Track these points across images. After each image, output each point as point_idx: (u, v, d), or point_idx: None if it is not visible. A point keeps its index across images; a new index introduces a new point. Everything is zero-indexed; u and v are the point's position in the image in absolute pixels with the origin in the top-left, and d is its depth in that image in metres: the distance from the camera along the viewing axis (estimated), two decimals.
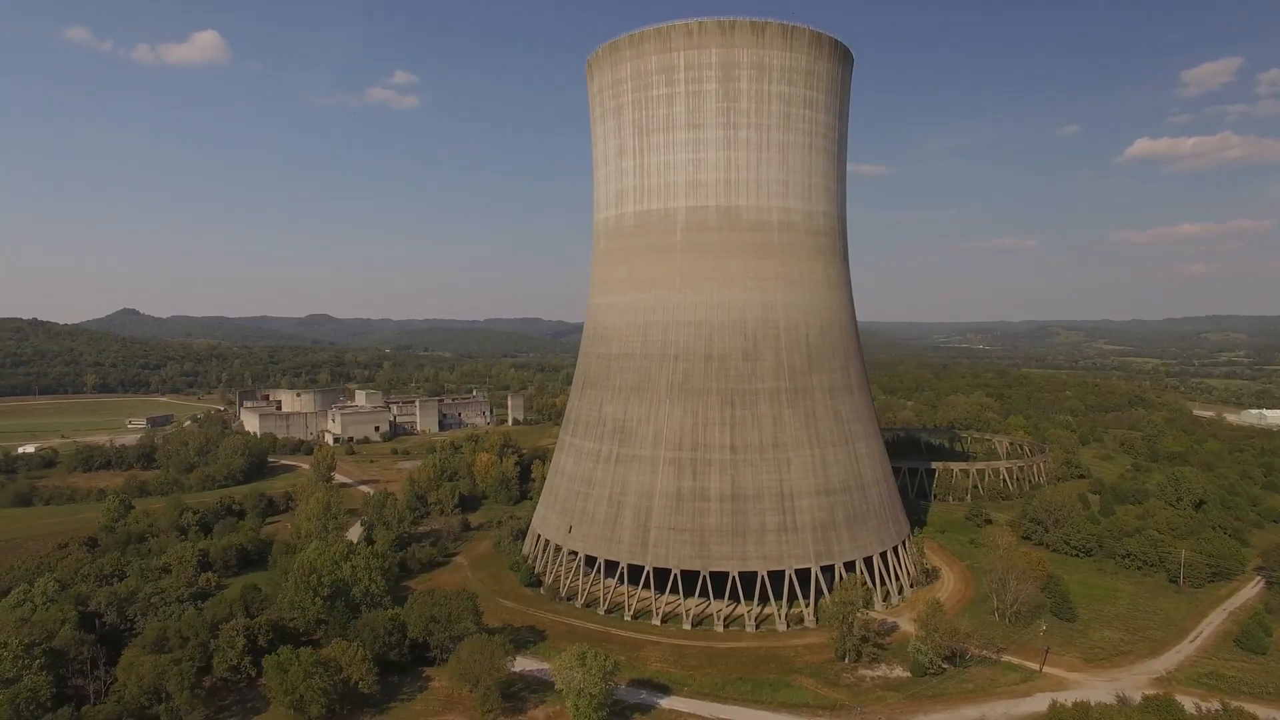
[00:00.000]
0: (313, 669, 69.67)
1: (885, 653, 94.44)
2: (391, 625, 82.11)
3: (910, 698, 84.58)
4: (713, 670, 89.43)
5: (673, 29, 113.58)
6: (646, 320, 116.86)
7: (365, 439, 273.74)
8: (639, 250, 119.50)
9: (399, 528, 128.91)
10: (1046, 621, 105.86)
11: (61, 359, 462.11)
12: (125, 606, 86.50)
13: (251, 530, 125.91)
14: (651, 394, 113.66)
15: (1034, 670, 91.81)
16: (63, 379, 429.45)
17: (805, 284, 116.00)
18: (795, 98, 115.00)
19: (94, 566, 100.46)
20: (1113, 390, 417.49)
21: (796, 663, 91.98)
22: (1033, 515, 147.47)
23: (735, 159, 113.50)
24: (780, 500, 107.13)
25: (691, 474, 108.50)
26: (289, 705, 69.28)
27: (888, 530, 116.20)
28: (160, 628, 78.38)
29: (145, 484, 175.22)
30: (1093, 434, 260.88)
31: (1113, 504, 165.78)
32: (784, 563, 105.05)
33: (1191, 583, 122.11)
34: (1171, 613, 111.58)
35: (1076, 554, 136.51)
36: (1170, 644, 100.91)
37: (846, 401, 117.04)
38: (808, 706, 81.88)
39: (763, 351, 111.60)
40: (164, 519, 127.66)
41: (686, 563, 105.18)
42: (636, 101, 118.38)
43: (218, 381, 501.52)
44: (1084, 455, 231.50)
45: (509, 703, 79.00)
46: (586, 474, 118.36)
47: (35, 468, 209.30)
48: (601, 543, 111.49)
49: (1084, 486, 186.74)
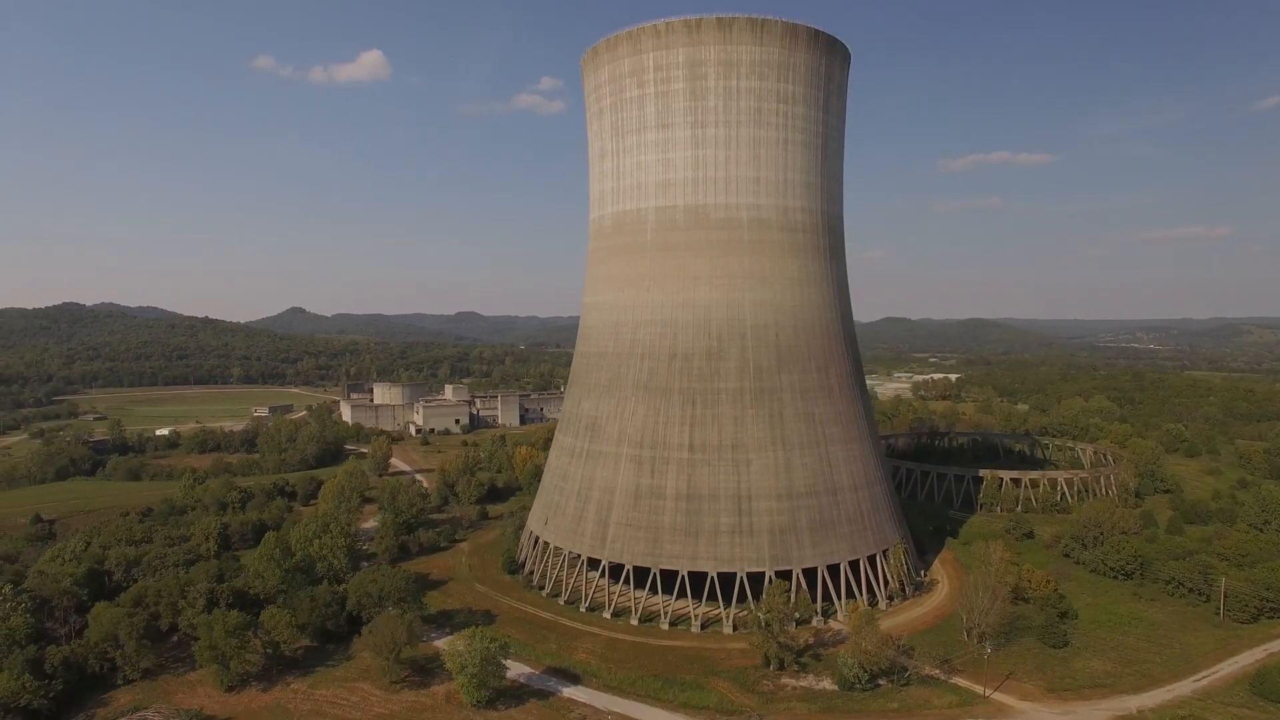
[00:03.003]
0: (234, 630, 78.47)
1: (819, 664, 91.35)
2: (331, 598, 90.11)
3: (821, 710, 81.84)
4: (634, 666, 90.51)
5: (642, 31, 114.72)
6: (619, 319, 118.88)
7: (446, 430, 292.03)
8: (616, 250, 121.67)
9: (408, 513, 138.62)
10: (1030, 646, 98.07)
11: (216, 353, 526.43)
12: (132, 567, 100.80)
13: (278, 509, 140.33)
14: (619, 392, 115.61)
15: (978, 695, 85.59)
16: (214, 371, 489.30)
17: (777, 282, 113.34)
18: (768, 92, 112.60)
19: (126, 532, 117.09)
20: (1272, 396, 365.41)
21: (722, 666, 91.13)
22: (1074, 532, 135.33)
23: (703, 157, 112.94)
24: (737, 501, 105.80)
25: (650, 471, 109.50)
26: (210, 660, 78.54)
27: (864, 538, 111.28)
28: (142, 586, 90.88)
29: (230, 465, 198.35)
30: (1208, 445, 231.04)
31: (1181, 523, 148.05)
32: (736, 565, 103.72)
33: (1236, 616, 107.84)
34: (1192, 648, 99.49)
35: (1115, 576, 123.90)
36: (1166, 680, 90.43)
37: (823, 403, 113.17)
38: (707, 709, 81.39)
39: (727, 351, 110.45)
40: (209, 495, 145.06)
41: (639, 559, 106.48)
42: (614, 104, 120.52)
43: (346, 375, 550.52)
44: (1188, 468, 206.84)
45: (419, 676, 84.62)
46: (563, 468, 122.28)
47: (161, 448, 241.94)
48: (569, 535, 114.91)
49: (1163, 503, 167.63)
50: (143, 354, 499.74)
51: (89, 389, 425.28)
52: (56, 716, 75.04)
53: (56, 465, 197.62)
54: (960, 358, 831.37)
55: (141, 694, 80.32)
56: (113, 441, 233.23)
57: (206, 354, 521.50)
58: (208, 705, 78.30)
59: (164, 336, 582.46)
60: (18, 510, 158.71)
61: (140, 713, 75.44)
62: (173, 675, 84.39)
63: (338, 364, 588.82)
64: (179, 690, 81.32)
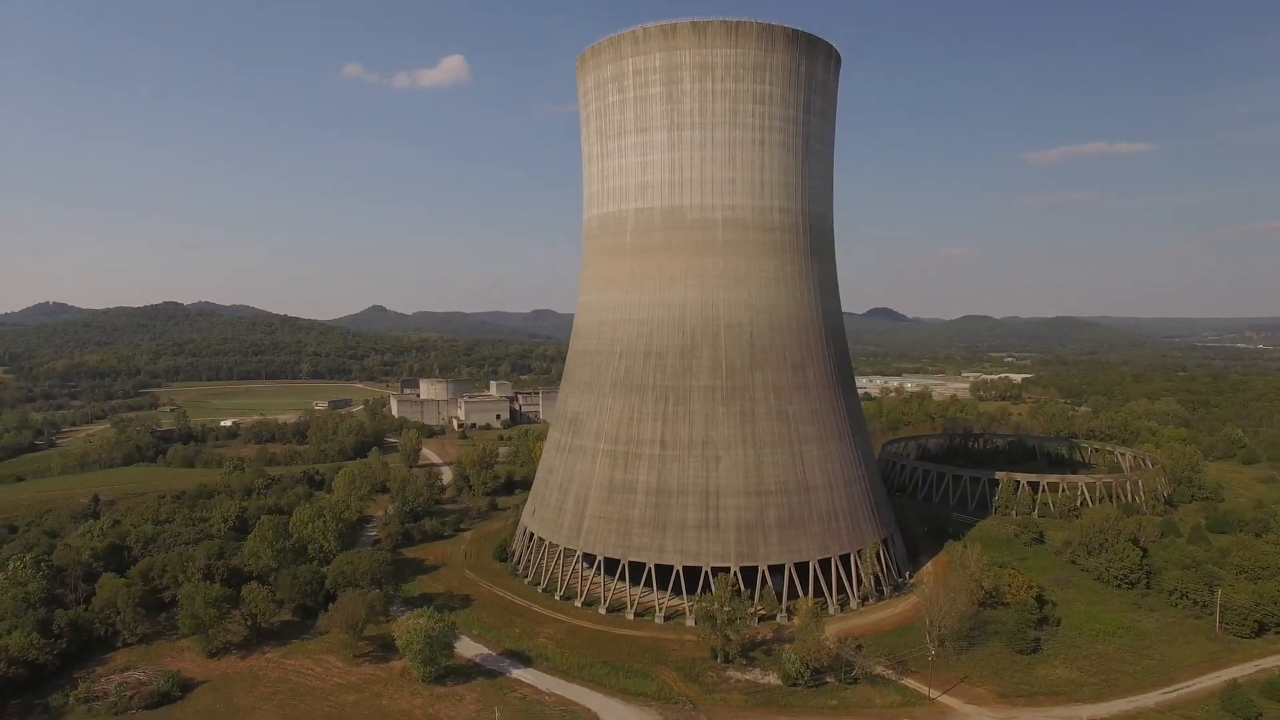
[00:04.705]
0: (214, 601, 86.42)
1: (769, 659, 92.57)
2: (311, 576, 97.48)
3: (757, 703, 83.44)
4: (587, 652, 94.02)
5: (623, 37, 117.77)
6: (601, 319, 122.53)
7: (487, 425, 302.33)
8: (602, 251, 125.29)
9: (414, 502, 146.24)
10: (997, 650, 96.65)
11: (289, 349, 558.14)
12: (149, 544, 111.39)
13: (295, 495, 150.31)
14: (599, 389, 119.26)
15: (922, 696, 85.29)
16: (285, 366, 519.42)
17: (752, 281, 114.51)
18: (743, 93, 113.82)
19: (153, 513, 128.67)
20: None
21: (673, 656, 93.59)
22: (1080, 538, 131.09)
23: (679, 160, 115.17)
24: (704, 497, 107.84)
25: (624, 466, 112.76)
26: (192, 629, 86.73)
27: (836, 537, 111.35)
28: (149, 561, 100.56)
29: (274, 454, 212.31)
30: (1271, 452, 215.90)
31: (1205, 532, 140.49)
32: (701, 559, 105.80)
33: (1236, 630, 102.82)
34: (1175, 659, 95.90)
35: (1118, 584, 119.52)
36: (1132, 692, 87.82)
37: (798, 402, 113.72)
38: (644, 696, 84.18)
39: (700, 349, 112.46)
40: (238, 482, 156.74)
41: (610, 550, 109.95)
42: (599, 110, 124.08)
43: (410, 371, 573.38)
44: (1241, 475, 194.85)
45: (382, 652, 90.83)
46: (550, 462, 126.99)
47: (222, 438, 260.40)
48: (550, 526, 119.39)
49: (1197, 511, 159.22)
50: (221, 350, 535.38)
51: (171, 383, 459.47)
52: (62, 671, 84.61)
53: (124, 451, 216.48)
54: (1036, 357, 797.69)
55: (136, 656, 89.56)
56: (177, 431, 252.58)
57: (280, 350, 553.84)
58: (189, 668, 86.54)
59: (244, 334, 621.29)
60: (82, 491, 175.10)
61: (129, 671, 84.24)
62: (167, 641, 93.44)
63: (403, 360, 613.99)
64: (168, 654, 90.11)
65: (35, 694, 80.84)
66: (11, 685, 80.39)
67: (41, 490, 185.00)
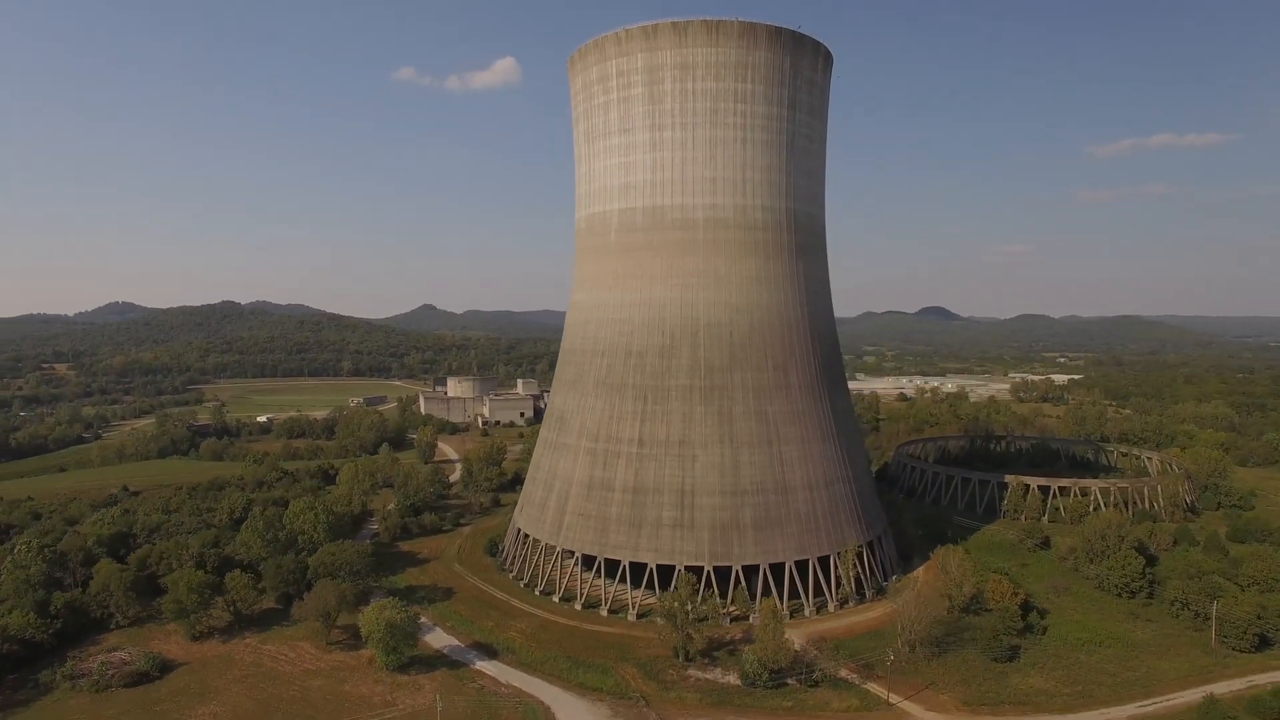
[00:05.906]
0: (195, 588, 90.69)
1: (733, 659, 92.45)
2: (294, 566, 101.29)
3: (712, 703, 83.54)
4: (554, 647, 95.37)
5: (606, 39, 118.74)
6: (587, 318, 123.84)
7: (511, 423, 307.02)
8: (589, 251, 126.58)
9: (414, 497, 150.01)
10: (971, 657, 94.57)
11: (333, 347, 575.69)
12: (153, 532, 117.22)
13: (301, 489, 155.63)
14: (583, 387, 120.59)
15: (880, 701, 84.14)
16: (327, 364, 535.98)
17: (733, 281, 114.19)
18: (724, 92, 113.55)
19: (163, 502, 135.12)
20: None
21: (637, 653, 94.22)
22: (1083, 544, 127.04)
23: (660, 160, 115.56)
24: (680, 496, 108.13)
25: (603, 464, 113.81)
26: (175, 613, 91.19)
27: (815, 538, 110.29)
28: (148, 548, 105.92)
29: (297, 449, 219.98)
30: None
31: (1223, 541, 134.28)
32: (675, 558, 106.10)
33: (1234, 644, 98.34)
34: (1161, 672, 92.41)
35: (1119, 593, 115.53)
36: (1107, 703, 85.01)
37: (779, 402, 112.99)
38: (600, 691, 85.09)
39: (679, 349, 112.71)
40: (251, 475, 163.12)
41: (588, 547, 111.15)
42: (586, 111, 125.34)
43: (448, 369, 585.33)
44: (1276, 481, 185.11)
45: (354, 640, 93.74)
46: (538, 459, 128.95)
47: (255, 433, 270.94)
48: (535, 523, 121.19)
49: (1222, 519, 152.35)
50: (268, 348, 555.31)
51: (218, 379, 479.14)
52: (57, 650, 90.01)
53: (159, 445, 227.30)
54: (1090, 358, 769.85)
55: (126, 638, 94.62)
56: (212, 426, 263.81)
57: (324, 348, 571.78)
58: (172, 650, 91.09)
59: (291, 332, 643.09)
60: (115, 481, 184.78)
61: (116, 652, 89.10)
62: (157, 624, 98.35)
63: (443, 359, 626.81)
64: (156, 637, 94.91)
65: (30, 670, 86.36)
66: (9, 661, 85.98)
67: (79, 480, 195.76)
